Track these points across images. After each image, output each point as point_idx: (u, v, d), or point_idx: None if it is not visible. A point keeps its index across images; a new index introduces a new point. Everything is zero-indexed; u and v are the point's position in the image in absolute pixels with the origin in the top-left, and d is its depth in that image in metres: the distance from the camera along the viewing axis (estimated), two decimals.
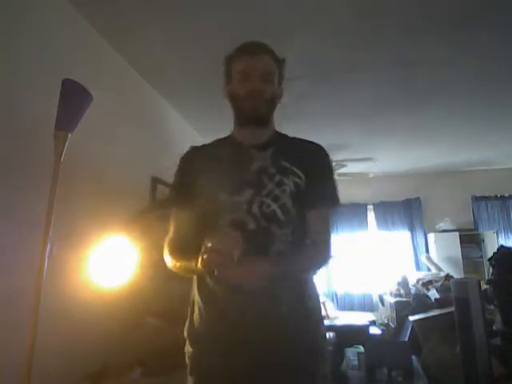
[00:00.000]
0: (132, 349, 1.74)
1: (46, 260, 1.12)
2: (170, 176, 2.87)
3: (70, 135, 1.20)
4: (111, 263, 1.57)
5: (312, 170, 1.06)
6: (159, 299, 1.88)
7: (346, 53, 2.22)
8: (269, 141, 1.09)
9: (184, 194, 1.09)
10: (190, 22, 1.89)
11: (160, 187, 2.56)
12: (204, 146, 1.18)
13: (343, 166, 4.57)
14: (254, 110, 1.03)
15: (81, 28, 1.82)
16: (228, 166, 1.05)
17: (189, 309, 1.10)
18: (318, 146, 1.13)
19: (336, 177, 1.14)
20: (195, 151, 1.17)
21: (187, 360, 1.05)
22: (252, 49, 1.04)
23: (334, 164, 1.19)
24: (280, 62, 1.08)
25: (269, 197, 1.00)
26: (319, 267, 1.04)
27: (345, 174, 4.85)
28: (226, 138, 1.16)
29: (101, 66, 1.99)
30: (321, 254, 1.03)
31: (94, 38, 1.93)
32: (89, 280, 1.53)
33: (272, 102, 1.06)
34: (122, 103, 2.21)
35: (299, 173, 1.04)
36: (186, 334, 1.08)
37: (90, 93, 1.25)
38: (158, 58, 2.25)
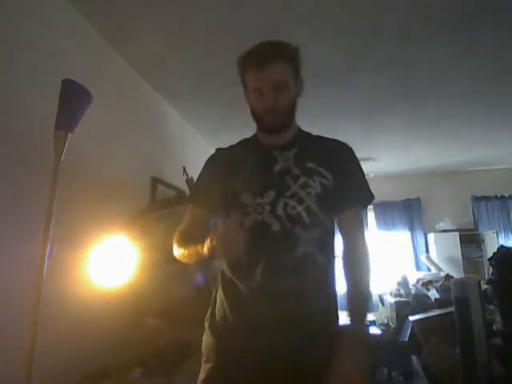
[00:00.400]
0: (132, 349, 1.74)
1: (46, 260, 1.12)
2: (170, 176, 2.88)
3: (70, 135, 1.20)
4: (111, 263, 1.57)
5: (340, 169, 1.05)
6: (159, 299, 1.88)
7: (346, 53, 2.22)
8: (292, 140, 1.09)
9: (205, 193, 1.11)
10: (190, 22, 1.89)
11: (160, 187, 2.56)
12: (230, 147, 1.19)
13: None
14: (272, 125, 1.03)
15: (81, 28, 1.82)
16: (251, 167, 1.05)
17: (211, 301, 1.11)
18: (343, 143, 1.12)
19: None
20: (221, 153, 1.19)
21: (203, 349, 1.05)
22: (261, 59, 0.98)
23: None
24: (294, 57, 1.04)
25: (293, 198, 0.99)
26: (370, 271, 1.01)
27: None
28: (249, 139, 1.16)
29: (101, 66, 1.99)
30: (364, 262, 1.01)
31: (94, 38, 1.93)
32: (89, 280, 1.53)
33: (290, 109, 1.05)
34: (122, 103, 2.21)
35: (326, 173, 1.03)
36: (206, 323, 1.08)
37: (90, 93, 1.25)
38: (158, 58, 2.25)
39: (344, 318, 0.98)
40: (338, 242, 1.07)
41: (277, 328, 0.94)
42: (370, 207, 5.67)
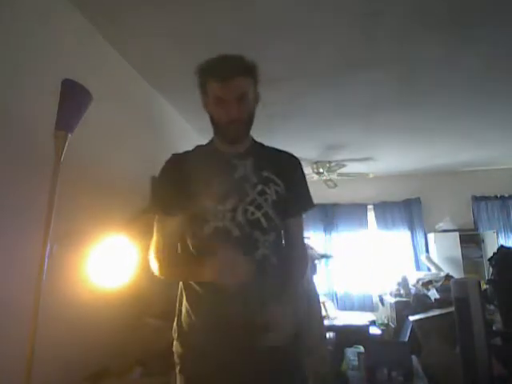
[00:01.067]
0: (132, 349, 1.74)
1: (46, 260, 1.12)
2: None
3: (70, 135, 1.20)
4: (111, 263, 1.56)
5: (290, 179, 1.13)
6: (159, 300, 1.88)
7: (346, 52, 2.22)
8: (248, 150, 1.14)
9: (168, 201, 1.11)
10: (190, 22, 1.89)
11: None
12: (186, 152, 1.19)
13: (343, 165, 4.57)
14: (234, 136, 1.08)
15: (81, 28, 1.82)
16: (211, 174, 1.08)
17: (176, 310, 1.13)
18: (292, 155, 1.20)
19: (336, 177, 1.17)
20: (178, 159, 1.18)
21: (176, 359, 1.08)
22: (225, 73, 1.01)
23: (333, 164, 1.25)
24: (253, 71, 1.06)
25: (252, 204, 1.05)
26: (304, 272, 1.15)
27: (345, 174, 4.86)
28: (206, 146, 1.19)
29: (101, 66, 1.99)
30: (305, 260, 1.15)
31: (94, 38, 1.92)
32: (89, 280, 1.53)
33: (250, 120, 1.09)
34: (122, 103, 2.21)
35: (278, 181, 1.10)
36: (175, 335, 1.10)
37: (90, 93, 1.25)
38: (158, 58, 2.25)
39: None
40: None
41: (243, 330, 0.97)
42: (370, 207, 5.68)
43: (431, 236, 5.32)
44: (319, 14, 1.85)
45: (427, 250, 5.36)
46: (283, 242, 1.15)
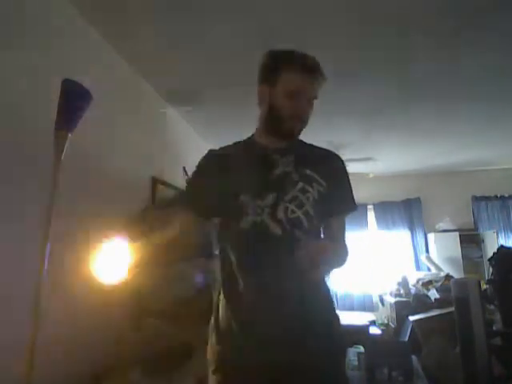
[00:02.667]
0: (132, 349, 1.74)
1: (46, 260, 1.12)
2: (170, 176, 2.88)
3: (70, 135, 1.20)
4: (111, 263, 1.56)
5: (333, 178, 1.09)
6: (159, 300, 1.88)
7: (346, 52, 2.22)
8: (290, 146, 1.10)
9: (198, 194, 1.10)
10: (190, 22, 1.89)
11: (160, 187, 2.56)
12: (224, 148, 1.16)
13: None
14: (292, 132, 1.06)
15: (81, 28, 1.82)
16: (251, 169, 1.05)
17: (214, 307, 1.10)
18: (335, 153, 1.17)
19: None
20: (215, 154, 1.15)
21: (210, 357, 1.04)
22: (312, 67, 1.00)
23: None
24: (324, 81, 1.07)
25: (292, 203, 1.01)
26: (342, 264, 1.07)
27: None
28: (246, 141, 1.16)
29: (101, 66, 1.99)
30: (345, 255, 1.08)
31: (94, 38, 1.92)
32: (89, 280, 1.52)
33: (306, 123, 1.08)
34: (122, 103, 2.21)
35: (321, 180, 1.06)
36: (211, 332, 1.07)
37: (90, 93, 1.24)
38: (158, 58, 2.25)
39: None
40: None
41: (283, 331, 0.96)
42: (370, 207, 5.67)
43: (431, 236, 5.32)
44: (319, 15, 1.85)
45: (427, 250, 5.36)
46: None
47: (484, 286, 3.10)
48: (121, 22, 1.88)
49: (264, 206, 1.00)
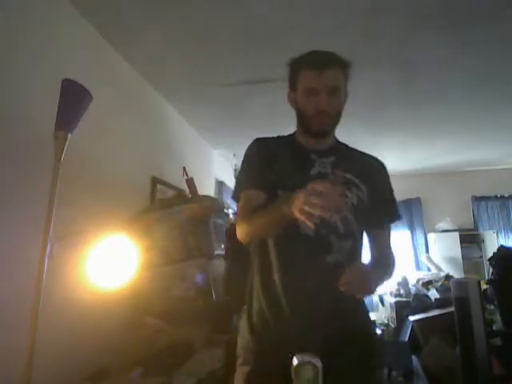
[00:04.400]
0: (132, 349, 1.74)
1: (46, 260, 1.12)
2: (170, 176, 2.87)
3: (69, 135, 1.20)
4: (111, 263, 1.56)
5: (375, 185, 1.07)
6: (159, 299, 1.88)
7: (346, 52, 2.21)
8: (330, 148, 1.10)
9: (259, 177, 1.06)
10: (190, 22, 1.89)
11: (160, 187, 2.56)
12: (269, 139, 1.15)
13: None
14: (320, 129, 1.04)
15: (81, 28, 1.82)
16: (289, 165, 1.04)
17: (247, 300, 1.10)
18: (378, 160, 1.16)
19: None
20: (263, 142, 1.14)
21: (240, 350, 1.05)
22: (321, 63, 1.01)
23: None
24: (347, 67, 1.07)
25: None
26: (389, 279, 1.06)
27: None
28: (288, 137, 1.16)
29: (101, 66, 1.99)
30: (393, 266, 1.06)
31: (94, 38, 1.92)
32: (89, 280, 1.52)
33: (337, 117, 1.06)
34: (122, 103, 2.21)
35: (362, 186, 1.04)
36: (244, 325, 1.07)
37: (89, 93, 1.25)
38: (157, 58, 2.25)
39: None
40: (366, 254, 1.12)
41: (315, 331, 0.96)
42: None
43: (431, 236, 5.32)
44: (319, 15, 1.85)
45: (427, 250, 5.36)
46: (361, 251, 1.09)
47: (484, 286, 3.09)
48: (121, 22, 1.88)
49: None
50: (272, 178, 1.03)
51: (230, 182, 3.98)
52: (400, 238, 5.56)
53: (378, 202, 1.07)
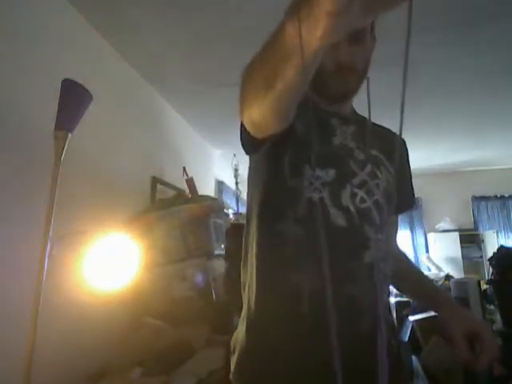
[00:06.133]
0: (132, 349, 1.74)
1: (46, 260, 1.12)
2: (170, 176, 2.87)
3: (70, 135, 1.20)
4: (111, 263, 1.56)
5: (399, 167, 0.90)
6: (159, 299, 1.88)
7: None
8: (349, 115, 0.88)
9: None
10: (190, 22, 1.89)
11: (160, 187, 2.56)
12: None
13: None
14: (343, 89, 0.81)
15: (81, 28, 1.82)
16: (310, 130, 0.77)
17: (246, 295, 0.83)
18: (401, 137, 0.92)
19: None
20: None
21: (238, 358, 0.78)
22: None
23: None
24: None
25: (362, 188, 0.76)
26: None
27: None
28: (308, 95, 0.80)
29: (101, 66, 1.99)
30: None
31: (94, 38, 1.92)
32: (89, 280, 1.53)
33: (364, 71, 0.82)
34: (122, 103, 2.21)
35: (390, 167, 0.83)
36: (242, 327, 0.79)
37: (90, 93, 1.25)
38: (158, 58, 2.25)
39: None
40: None
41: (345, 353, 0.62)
42: None
43: (431, 236, 5.32)
44: None
45: (427, 250, 5.36)
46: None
47: (484, 286, 3.09)
48: (121, 22, 1.88)
49: (325, 181, 0.73)
50: (294, 146, 0.76)
51: (230, 182, 3.98)
52: (400, 238, 5.56)
53: (402, 187, 0.88)
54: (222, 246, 2.20)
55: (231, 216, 2.87)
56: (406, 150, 0.99)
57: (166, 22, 1.89)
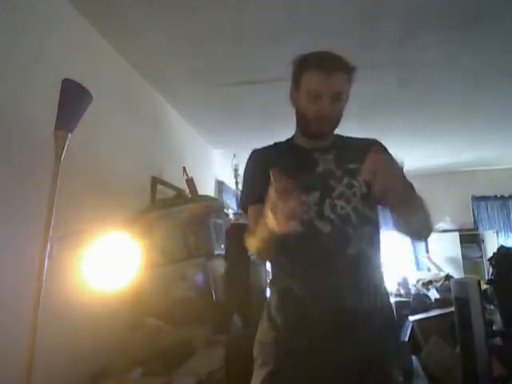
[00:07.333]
0: (132, 349, 1.74)
1: (46, 260, 1.12)
2: (170, 176, 2.87)
3: (70, 135, 1.20)
4: (112, 263, 1.56)
5: None
6: (159, 299, 1.88)
7: (346, 53, 2.22)
8: (330, 144, 1.10)
9: (258, 192, 1.01)
10: (190, 22, 1.89)
11: (160, 187, 2.56)
12: (267, 148, 1.16)
13: None
14: (319, 131, 1.05)
15: (81, 28, 1.82)
16: (293, 168, 1.02)
17: (265, 304, 1.10)
18: (374, 140, 1.15)
19: None
20: (260, 153, 1.15)
21: (257, 349, 1.04)
22: (329, 66, 0.99)
23: None
24: (353, 72, 1.06)
25: (340, 198, 1.00)
26: (428, 228, 1.10)
27: None
28: (287, 142, 1.17)
29: (101, 66, 1.99)
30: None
31: (94, 38, 1.92)
32: (89, 280, 1.52)
33: (338, 120, 1.07)
34: (122, 103, 2.21)
35: None
36: (264, 326, 1.06)
37: (90, 93, 1.25)
38: (158, 58, 2.25)
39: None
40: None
41: (341, 334, 0.95)
42: None
43: (431, 236, 5.32)
44: (319, 15, 1.85)
45: (427, 250, 5.36)
46: (379, 237, 1.13)
47: (484, 286, 3.10)
48: (121, 22, 1.88)
49: (310, 203, 0.99)
50: None
51: (230, 182, 3.98)
52: (400, 238, 5.56)
53: None
54: (222, 246, 2.21)
55: (231, 216, 2.87)
56: (384, 150, 1.11)
57: (166, 22, 1.89)
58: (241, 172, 1.26)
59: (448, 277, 4.22)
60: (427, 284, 4.25)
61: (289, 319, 1.01)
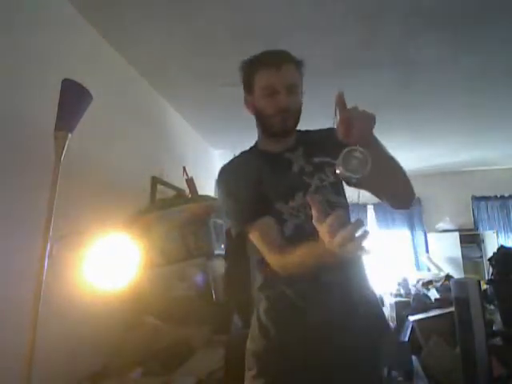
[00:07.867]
0: (132, 349, 1.74)
1: (46, 260, 1.12)
2: (170, 176, 2.86)
3: (70, 135, 1.20)
4: (111, 263, 1.56)
5: (337, 149, 1.02)
6: (159, 299, 1.88)
7: (346, 53, 2.22)
8: (296, 141, 1.11)
9: (250, 206, 1.02)
10: (190, 22, 1.89)
11: (160, 187, 2.56)
12: (235, 160, 1.14)
13: None
14: (283, 127, 1.03)
15: (81, 28, 1.82)
16: (270, 174, 1.04)
17: (254, 309, 1.10)
18: (331, 128, 1.08)
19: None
20: (232, 167, 1.12)
21: (250, 359, 1.03)
22: (276, 61, 1.00)
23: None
24: (302, 65, 1.06)
25: (318, 193, 1.01)
26: (404, 183, 1.13)
27: None
28: (252, 150, 1.15)
29: (101, 66, 1.99)
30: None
31: (94, 38, 1.92)
32: (89, 280, 1.53)
33: (298, 114, 1.06)
34: (122, 103, 2.21)
35: (331, 161, 1.02)
36: (256, 331, 1.05)
37: (90, 93, 1.25)
38: (158, 58, 2.25)
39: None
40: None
41: (336, 330, 0.97)
42: (370, 207, 5.66)
43: (431, 236, 5.32)
44: (319, 15, 1.85)
45: (427, 250, 5.37)
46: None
47: (484, 286, 3.10)
48: (121, 22, 1.88)
49: (298, 207, 1.00)
50: (259, 194, 1.01)
51: None
52: (400, 238, 5.56)
53: None
54: (222, 246, 2.20)
55: None
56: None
57: (165, 22, 1.89)
58: None
59: (448, 277, 4.22)
60: (427, 284, 4.25)
61: (282, 325, 1.00)
